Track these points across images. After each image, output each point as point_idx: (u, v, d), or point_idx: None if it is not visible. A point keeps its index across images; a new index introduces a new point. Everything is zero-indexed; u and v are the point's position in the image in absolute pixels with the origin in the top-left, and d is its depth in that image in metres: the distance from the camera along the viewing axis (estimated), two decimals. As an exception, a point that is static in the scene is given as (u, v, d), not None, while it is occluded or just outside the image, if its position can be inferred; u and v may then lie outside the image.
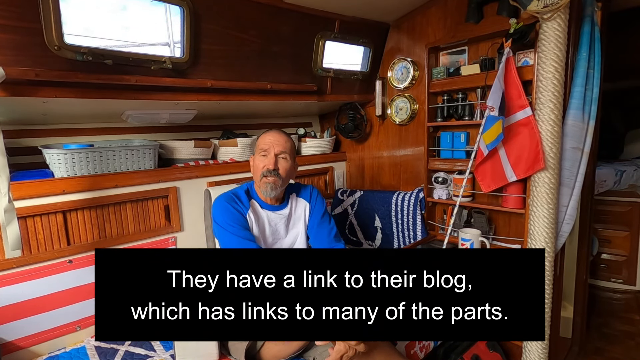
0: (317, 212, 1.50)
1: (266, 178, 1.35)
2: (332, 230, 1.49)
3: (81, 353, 1.37)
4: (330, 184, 2.41)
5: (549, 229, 1.48)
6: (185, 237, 1.73)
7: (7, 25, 1.08)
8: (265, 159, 1.37)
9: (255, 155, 1.42)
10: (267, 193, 1.38)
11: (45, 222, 1.39)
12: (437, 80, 1.83)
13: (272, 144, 1.37)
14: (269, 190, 1.36)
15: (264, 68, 1.72)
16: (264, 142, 1.39)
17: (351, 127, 2.28)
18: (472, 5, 1.66)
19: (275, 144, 1.37)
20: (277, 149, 1.37)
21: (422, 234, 1.93)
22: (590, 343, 2.22)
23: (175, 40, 1.40)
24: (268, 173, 1.35)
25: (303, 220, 1.50)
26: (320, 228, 1.48)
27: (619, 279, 2.90)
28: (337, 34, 1.87)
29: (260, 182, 1.38)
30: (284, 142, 1.39)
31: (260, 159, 1.38)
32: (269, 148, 1.37)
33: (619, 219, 2.86)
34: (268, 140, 1.38)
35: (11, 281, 1.32)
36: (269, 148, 1.37)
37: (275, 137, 1.39)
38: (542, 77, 1.41)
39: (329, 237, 1.47)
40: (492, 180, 1.62)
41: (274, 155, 1.36)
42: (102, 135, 1.73)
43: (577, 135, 1.50)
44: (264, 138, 1.40)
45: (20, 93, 1.19)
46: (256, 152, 1.41)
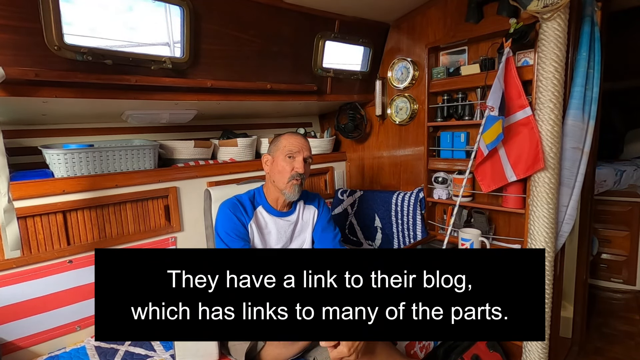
0: (323, 217, 1.53)
1: (295, 180, 1.35)
2: (336, 235, 1.52)
3: (81, 353, 1.37)
4: (330, 184, 2.41)
5: (549, 228, 1.48)
6: (185, 237, 1.73)
7: (7, 25, 1.08)
8: (294, 162, 1.35)
9: (276, 156, 1.39)
10: (294, 195, 1.37)
11: (45, 222, 1.39)
12: (437, 80, 1.83)
13: (302, 148, 1.37)
14: (296, 192, 1.36)
15: (264, 68, 1.72)
16: (291, 144, 1.37)
17: (351, 127, 2.28)
18: (472, 5, 1.66)
19: (304, 147, 1.38)
20: (305, 153, 1.38)
21: (422, 234, 1.93)
22: (590, 343, 2.22)
23: (175, 40, 1.40)
24: (299, 176, 1.35)
25: (311, 226, 1.52)
26: (326, 232, 1.50)
27: (619, 279, 2.90)
28: (337, 34, 1.87)
29: (287, 184, 1.36)
30: (309, 147, 1.41)
31: (287, 160, 1.36)
32: (299, 151, 1.36)
33: (619, 218, 2.86)
34: (297, 143, 1.37)
35: (11, 281, 1.32)
36: (299, 151, 1.36)
37: (302, 140, 1.39)
38: (542, 77, 1.41)
39: (333, 241, 1.49)
40: (492, 180, 1.62)
41: (302, 159, 1.36)
42: (102, 135, 1.73)
43: (577, 135, 1.50)
44: (291, 140, 1.38)
45: (20, 93, 1.19)
46: (278, 152, 1.38)
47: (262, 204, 1.43)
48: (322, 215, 1.53)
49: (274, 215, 1.44)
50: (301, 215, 1.51)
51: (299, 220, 1.50)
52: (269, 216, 1.43)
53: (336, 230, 1.53)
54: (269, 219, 1.43)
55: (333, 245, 1.48)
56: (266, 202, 1.44)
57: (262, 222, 1.42)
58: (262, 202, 1.44)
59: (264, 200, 1.44)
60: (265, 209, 1.43)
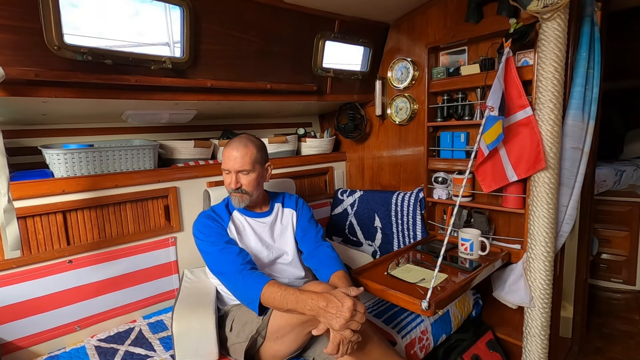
0: (304, 217, 1.55)
1: (233, 193, 1.39)
2: (318, 232, 1.53)
3: (81, 353, 1.37)
4: (330, 184, 2.41)
5: (549, 228, 1.48)
6: (185, 237, 1.73)
7: (7, 25, 1.08)
8: (227, 177, 1.38)
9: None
10: (238, 204, 1.41)
11: (45, 222, 1.39)
12: (437, 80, 1.83)
13: (233, 163, 1.36)
14: (237, 203, 1.40)
15: (264, 68, 1.72)
16: (225, 158, 1.38)
17: (351, 127, 2.28)
18: (472, 5, 1.66)
19: (233, 162, 1.35)
20: (235, 167, 1.36)
21: (422, 233, 1.93)
22: (590, 343, 2.22)
23: (175, 40, 1.40)
24: (232, 191, 1.38)
25: (291, 229, 1.53)
26: (307, 232, 1.52)
27: (618, 279, 2.90)
28: (337, 34, 1.87)
29: (230, 195, 1.42)
30: (240, 159, 1.35)
31: (224, 175, 1.40)
32: (229, 168, 1.37)
33: (619, 218, 2.86)
34: (226, 159, 1.37)
35: (11, 281, 1.32)
36: (229, 168, 1.37)
37: (232, 153, 1.36)
38: (542, 77, 1.41)
39: (315, 237, 1.51)
40: (493, 180, 1.62)
41: (234, 174, 1.36)
42: (102, 135, 1.73)
43: (577, 135, 1.50)
44: (224, 155, 1.39)
45: (20, 93, 1.19)
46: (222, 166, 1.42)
47: (237, 208, 1.46)
48: (302, 216, 1.55)
49: (249, 217, 1.47)
50: (280, 218, 1.53)
51: (276, 222, 1.52)
52: (243, 218, 1.46)
53: (318, 227, 1.54)
54: (244, 221, 1.46)
55: (316, 242, 1.49)
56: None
57: (239, 224, 1.45)
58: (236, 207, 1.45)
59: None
60: (240, 212, 1.47)
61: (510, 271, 1.63)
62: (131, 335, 1.48)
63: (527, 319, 1.60)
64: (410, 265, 1.55)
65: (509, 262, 1.64)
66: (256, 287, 1.17)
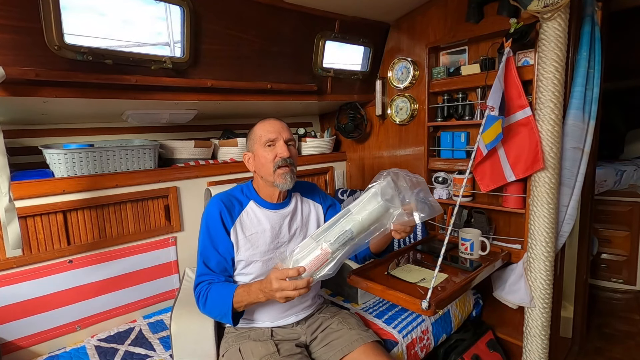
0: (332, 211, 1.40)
1: (282, 168, 1.21)
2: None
3: (81, 353, 1.37)
4: (330, 184, 2.41)
5: (549, 228, 1.48)
6: (185, 237, 1.73)
7: (7, 25, 1.08)
8: (275, 149, 1.22)
9: (256, 149, 1.25)
10: (287, 184, 1.22)
11: (46, 221, 1.39)
12: (437, 80, 1.82)
13: (279, 131, 1.23)
14: (288, 180, 1.21)
15: (264, 68, 1.72)
16: (267, 131, 1.23)
17: (351, 127, 2.27)
18: (472, 5, 1.66)
19: (282, 129, 1.24)
20: (285, 136, 1.23)
21: (422, 233, 1.93)
22: (590, 343, 2.22)
23: (175, 40, 1.40)
24: (284, 162, 1.20)
25: (316, 223, 1.38)
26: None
27: (619, 279, 2.90)
28: (337, 33, 1.87)
29: (275, 174, 1.21)
30: (287, 128, 1.26)
31: (267, 149, 1.22)
32: (276, 137, 1.22)
33: (619, 218, 2.86)
34: (273, 129, 1.23)
35: (11, 281, 1.32)
36: (277, 136, 1.22)
37: (277, 124, 1.25)
38: (542, 77, 1.41)
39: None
40: (491, 180, 1.62)
41: (284, 143, 1.22)
42: (102, 135, 1.73)
43: (578, 135, 1.50)
44: (265, 127, 1.24)
45: (20, 93, 1.19)
46: (257, 145, 1.25)
47: (254, 198, 1.30)
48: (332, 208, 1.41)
49: (268, 209, 1.29)
50: (300, 209, 1.35)
51: (296, 214, 1.34)
52: (260, 209, 1.28)
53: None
54: (261, 214, 1.28)
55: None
56: (257, 196, 1.30)
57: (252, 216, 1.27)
58: (252, 196, 1.30)
59: (255, 195, 1.31)
60: (257, 203, 1.29)
61: (511, 271, 1.63)
62: (131, 335, 1.48)
63: (528, 319, 1.60)
64: (410, 265, 1.55)
65: (509, 262, 1.64)
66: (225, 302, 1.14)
